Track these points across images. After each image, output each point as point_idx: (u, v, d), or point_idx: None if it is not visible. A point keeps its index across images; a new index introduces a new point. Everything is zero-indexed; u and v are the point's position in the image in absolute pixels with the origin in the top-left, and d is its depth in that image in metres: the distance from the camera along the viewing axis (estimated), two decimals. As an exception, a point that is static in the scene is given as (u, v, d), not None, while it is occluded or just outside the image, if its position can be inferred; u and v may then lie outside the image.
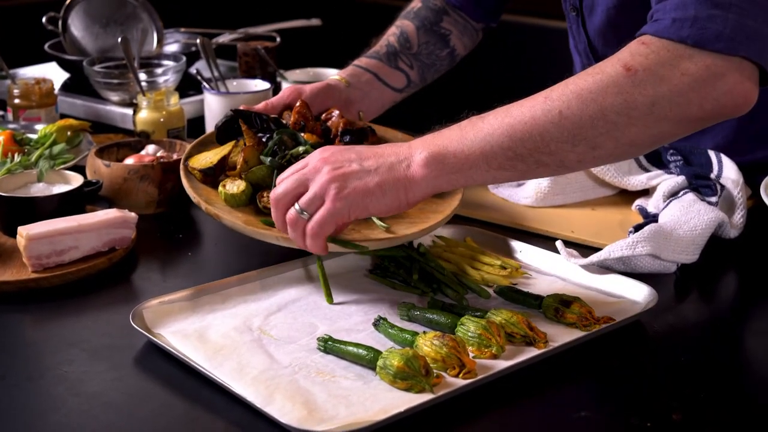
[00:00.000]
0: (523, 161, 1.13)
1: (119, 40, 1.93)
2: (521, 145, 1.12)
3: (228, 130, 1.41)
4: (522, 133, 1.12)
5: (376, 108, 1.61)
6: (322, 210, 1.14)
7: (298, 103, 1.45)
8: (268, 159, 1.33)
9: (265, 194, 1.30)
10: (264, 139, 1.38)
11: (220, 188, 1.31)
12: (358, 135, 1.44)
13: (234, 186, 1.31)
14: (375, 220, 1.26)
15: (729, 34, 1.11)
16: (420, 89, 1.71)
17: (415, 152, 1.15)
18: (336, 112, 1.48)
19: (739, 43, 1.11)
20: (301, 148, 1.34)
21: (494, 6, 1.71)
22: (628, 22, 1.20)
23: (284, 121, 1.44)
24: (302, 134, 1.41)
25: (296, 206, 1.16)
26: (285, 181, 1.18)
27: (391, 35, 1.65)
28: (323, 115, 1.49)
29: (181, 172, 1.36)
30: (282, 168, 1.31)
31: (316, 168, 1.16)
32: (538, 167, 1.14)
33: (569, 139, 1.12)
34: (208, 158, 1.35)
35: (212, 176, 1.32)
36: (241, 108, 1.45)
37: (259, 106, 1.47)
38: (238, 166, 1.33)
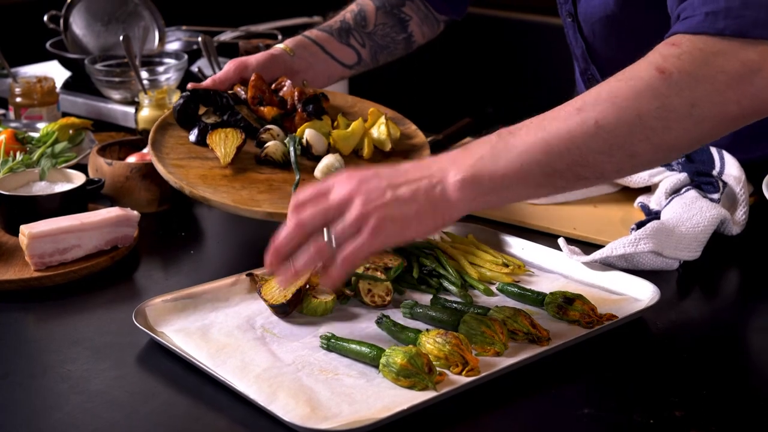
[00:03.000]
0: (562, 177, 1.09)
1: (121, 38, 1.93)
2: (559, 160, 1.07)
3: (186, 110, 1.45)
4: (558, 147, 1.07)
5: (322, 80, 1.59)
6: (358, 241, 1.05)
7: (252, 77, 1.45)
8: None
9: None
10: (225, 117, 1.43)
11: (309, 300, 1.18)
12: (314, 102, 1.49)
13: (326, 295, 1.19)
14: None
15: (765, 18, 1.08)
16: (427, 84, 1.71)
17: (448, 175, 1.08)
18: (288, 82, 1.49)
19: None
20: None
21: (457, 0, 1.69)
22: (627, 25, 1.19)
23: (241, 96, 1.48)
24: (262, 108, 1.46)
25: (326, 234, 1.05)
26: (313, 205, 1.07)
27: (348, 12, 1.63)
28: (274, 85, 1.51)
29: (153, 158, 1.37)
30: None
31: (349, 199, 1.06)
32: (577, 181, 1.10)
33: (606, 150, 1.07)
34: (282, 291, 1.17)
35: (285, 313, 1.17)
36: (194, 87, 1.48)
37: (207, 83, 1.48)
38: (229, 158, 1.37)
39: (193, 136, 1.44)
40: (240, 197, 1.31)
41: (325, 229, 1.06)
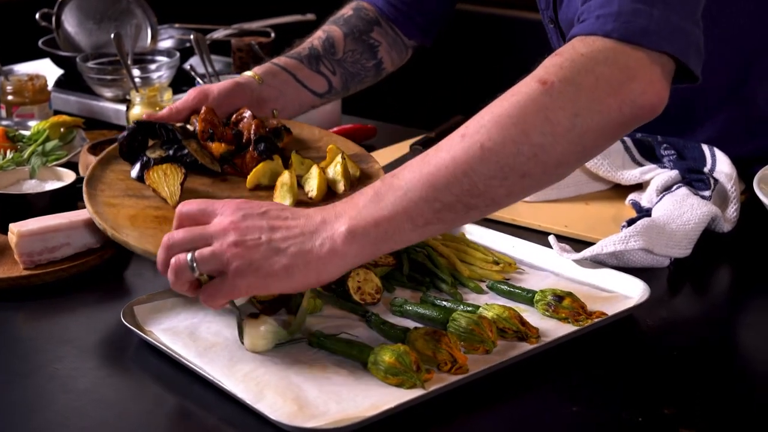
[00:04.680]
0: (452, 210, 1.04)
1: (112, 36, 1.93)
2: (447, 192, 1.03)
3: (132, 144, 1.35)
4: (445, 179, 1.03)
5: (293, 108, 1.53)
6: (217, 281, 1.03)
7: (203, 110, 1.36)
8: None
9: None
10: (171, 152, 1.33)
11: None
12: (272, 139, 1.38)
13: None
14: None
15: (654, 29, 1.09)
16: (420, 81, 1.69)
17: (333, 228, 1.02)
18: (247, 113, 1.39)
19: (663, 38, 1.09)
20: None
21: (427, 24, 1.66)
22: None
23: (191, 128, 1.38)
24: (211, 143, 1.36)
25: (189, 255, 1.03)
26: (187, 230, 1.05)
27: (315, 39, 1.58)
28: (234, 116, 1.42)
29: (84, 196, 1.27)
30: None
31: (224, 230, 1.03)
32: (468, 212, 1.05)
33: (497, 173, 1.03)
34: None
35: (273, 311, 1.14)
36: (144, 119, 1.38)
37: (163, 113, 1.41)
38: (176, 197, 1.27)
39: (134, 172, 1.33)
40: None
41: (189, 253, 1.03)
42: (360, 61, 1.59)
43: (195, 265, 1.03)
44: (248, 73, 1.49)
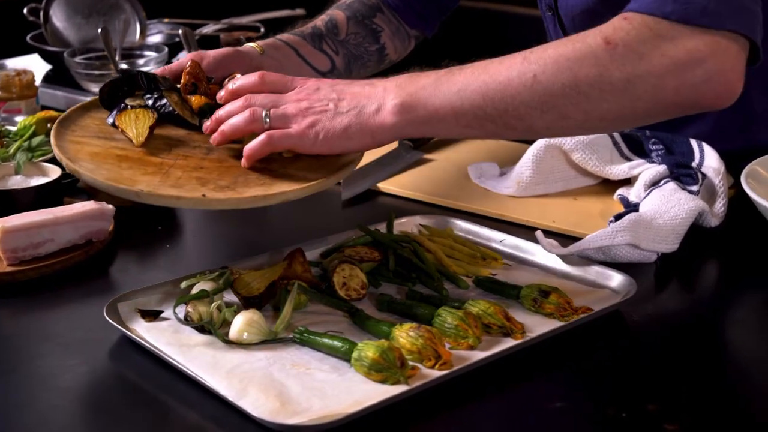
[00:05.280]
0: (493, 122, 1.13)
1: (99, 30, 1.92)
2: (492, 105, 1.12)
3: (114, 93, 1.34)
4: (495, 92, 1.11)
5: None
6: (291, 129, 1.17)
7: (189, 64, 1.37)
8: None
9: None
10: (150, 101, 1.32)
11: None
12: None
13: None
14: None
15: (714, 8, 1.08)
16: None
17: (387, 97, 1.16)
18: (238, 76, 1.37)
19: (725, 16, 1.08)
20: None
21: (427, 12, 1.66)
22: (608, 18, 1.19)
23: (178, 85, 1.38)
24: (192, 96, 1.35)
25: (264, 111, 1.19)
26: (267, 94, 1.21)
27: (318, 20, 1.59)
28: (226, 80, 1.40)
29: (52, 132, 1.27)
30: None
31: (299, 99, 1.19)
32: (507, 129, 1.14)
33: (539, 105, 1.11)
34: (255, 283, 1.17)
35: (258, 306, 1.15)
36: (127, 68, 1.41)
37: (158, 71, 1.41)
38: (142, 138, 1.27)
39: (110, 118, 1.32)
40: (119, 176, 1.19)
41: (265, 109, 1.19)
42: (363, 45, 1.60)
43: (269, 119, 1.18)
44: (251, 44, 1.49)
